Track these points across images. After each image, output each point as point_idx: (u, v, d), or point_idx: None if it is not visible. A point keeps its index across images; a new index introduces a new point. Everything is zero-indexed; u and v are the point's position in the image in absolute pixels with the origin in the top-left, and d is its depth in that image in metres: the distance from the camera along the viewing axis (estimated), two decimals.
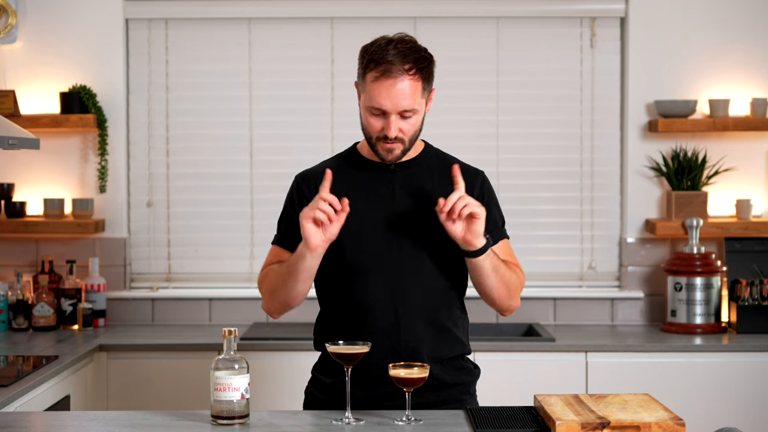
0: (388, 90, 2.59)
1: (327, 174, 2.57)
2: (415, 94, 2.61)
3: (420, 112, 2.66)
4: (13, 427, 2.56)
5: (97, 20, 4.53)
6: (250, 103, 4.60)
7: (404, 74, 2.59)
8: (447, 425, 2.49)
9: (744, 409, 4.03)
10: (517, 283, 2.73)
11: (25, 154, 4.52)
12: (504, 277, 2.67)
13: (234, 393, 2.47)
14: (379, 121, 2.64)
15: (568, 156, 4.59)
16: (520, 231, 4.54)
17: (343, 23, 4.57)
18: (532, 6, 4.54)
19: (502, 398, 3.58)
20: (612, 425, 2.32)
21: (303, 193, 2.76)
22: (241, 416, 2.48)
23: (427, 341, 2.70)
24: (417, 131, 2.69)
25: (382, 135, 2.64)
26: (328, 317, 2.77)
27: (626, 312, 4.55)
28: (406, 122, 2.63)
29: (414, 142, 2.70)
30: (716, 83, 4.50)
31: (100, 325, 4.45)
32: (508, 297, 2.72)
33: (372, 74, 2.61)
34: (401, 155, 2.68)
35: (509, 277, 2.69)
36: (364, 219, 2.69)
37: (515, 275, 2.72)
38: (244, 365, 2.49)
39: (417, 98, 2.62)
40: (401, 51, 2.60)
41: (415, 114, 2.64)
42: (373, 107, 2.62)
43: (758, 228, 4.38)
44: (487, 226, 2.64)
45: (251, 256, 4.60)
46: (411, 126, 2.65)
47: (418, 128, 2.68)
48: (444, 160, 2.80)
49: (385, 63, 2.58)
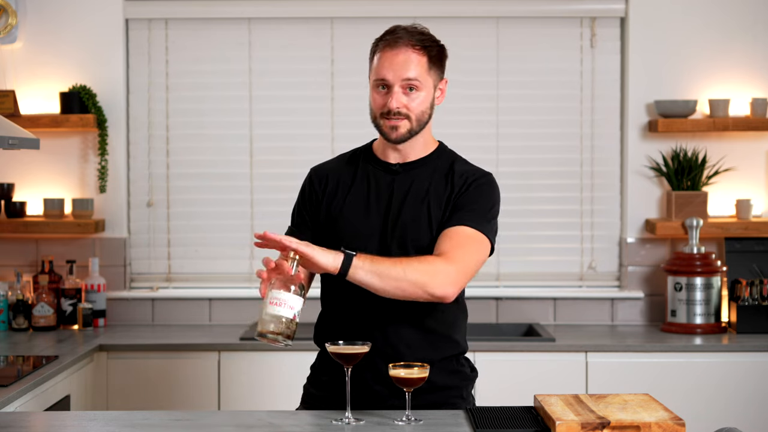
0: (391, 60, 2.62)
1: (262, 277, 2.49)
2: (420, 67, 2.62)
3: (425, 90, 2.64)
4: (13, 427, 2.56)
5: (97, 20, 4.53)
6: (250, 103, 4.60)
7: (409, 47, 2.62)
8: (447, 425, 2.49)
9: (744, 409, 4.03)
10: (423, 270, 2.51)
11: (25, 154, 4.52)
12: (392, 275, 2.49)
13: (288, 310, 2.41)
14: (383, 96, 2.64)
15: (568, 156, 4.59)
16: (520, 231, 4.54)
17: (343, 23, 4.57)
18: (532, 6, 4.54)
19: (502, 398, 3.59)
20: (612, 425, 2.32)
21: (314, 187, 2.77)
22: (288, 336, 2.43)
23: (412, 344, 2.67)
24: (424, 112, 2.66)
25: (385, 110, 2.63)
26: (325, 316, 2.79)
27: (626, 312, 4.55)
28: (411, 98, 2.63)
29: (422, 126, 2.67)
30: (716, 83, 4.50)
31: (100, 325, 4.45)
32: (413, 289, 2.51)
33: (377, 52, 2.66)
34: (407, 135, 2.66)
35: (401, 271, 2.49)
36: (361, 219, 2.69)
37: (416, 264, 2.51)
38: (302, 290, 2.44)
39: (422, 72, 2.62)
40: (410, 30, 2.65)
41: (420, 89, 2.63)
42: (377, 80, 2.64)
43: (758, 228, 4.38)
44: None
45: (251, 256, 4.61)
46: (416, 103, 2.63)
47: (425, 109, 2.66)
48: (451, 162, 2.75)
49: (393, 37, 2.63)
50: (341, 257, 2.47)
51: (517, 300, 4.55)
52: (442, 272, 2.53)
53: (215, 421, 2.56)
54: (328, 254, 2.46)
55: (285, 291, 2.41)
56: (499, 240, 4.50)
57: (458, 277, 2.55)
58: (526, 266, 4.58)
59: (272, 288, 2.42)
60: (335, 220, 2.72)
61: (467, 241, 2.60)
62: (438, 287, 2.52)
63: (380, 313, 2.66)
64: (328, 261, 2.46)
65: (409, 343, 2.68)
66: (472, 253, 2.61)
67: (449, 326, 2.74)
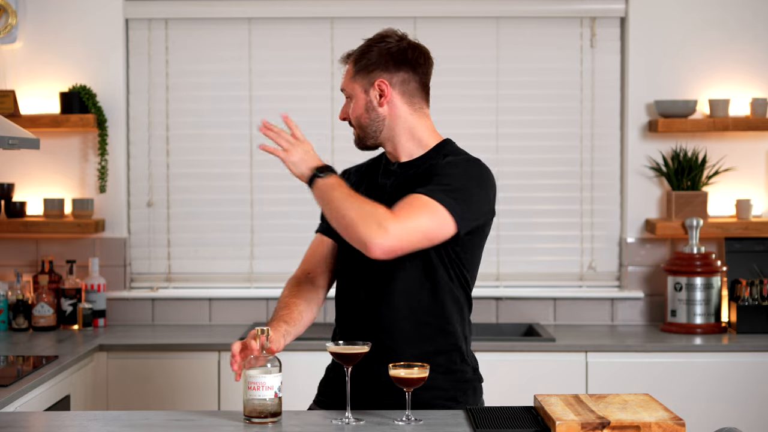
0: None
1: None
2: (346, 77, 2.80)
3: (355, 97, 2.76)
4: (13, 427, 2.56)
5: (97, 20, 4.53)
6: (250, 103, 4.60)
7: (344, 60, 2.82)
8: (447, 425, 2.49)
9: (744, 409, 4.03)
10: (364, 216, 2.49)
11: (25, 154, 4.52)
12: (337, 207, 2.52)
13: (267, 392, 2.47)
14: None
15: (568, 156, 4.59)
16: (520, 231, 4.54)
17: (343, 23, 4.57)
18: (532, 6, 4.54)
19: (502, 398, 3.58)
20: (612, 425, 2.32)
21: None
22: (274, 415, 2.48)
23: (408, 342, 2.66)
24: (359, 117, 2.75)
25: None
26: (336, 315, 2.81)
27: (626, 312, 4.55)
28: (348, 105, 2.80)
29: (369, 131, 2.74)
30: (716, 83, 4.50)
31: (100, 325, 4.45)
32: (348, 230, 2.51)
33: None
34: (359, 142, 2.79)
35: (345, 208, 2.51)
36: None
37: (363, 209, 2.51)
38: (277, 364, 2.49)
39: (347, 82, 2.79)
40: (364, 42, 2.81)
41: (351, 99, 2.78)
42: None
43: (758, 228, 4.38)
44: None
45: (251, 256, 4.61)
46: (351, 110, 2.78)
47: (360, 114, 2.75)
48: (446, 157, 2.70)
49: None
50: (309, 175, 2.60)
51: (517, 300, 4.55)
52: (379, 225, 2.48)
53: (215, 421, 2.55)
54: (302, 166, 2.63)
55: (260, 372, 2.47)
56: (499, 240, 4.55)
57: (396, 232, 2.48)
58: (526, 266, 4.58)
59: (247, 369, 2.48)
60: None
61: (417, 202, 2.54)
62: (370, 236, 2.47)
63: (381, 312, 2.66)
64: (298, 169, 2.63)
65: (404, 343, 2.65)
66: (419, 217, 2.52)
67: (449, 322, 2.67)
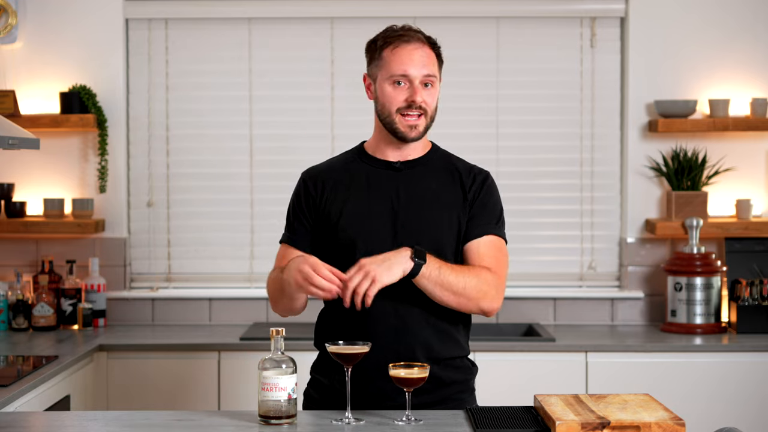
0: (410, 54, 2.64)
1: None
2: (434, 64, 2.67)
3: (438, 86, 2.69)
4: (13, 427, 2.56)
5: (97, 20, 4.53)
6: (250, 103, 4.60)
7: (425, 44, 2.66)
8: (447, 425, 2.49)
9: (744, 409, 4.03)
10: (479, 287, 2.60)
11: (25, 154, 4.52)
12: (453, 288, 2.58)
13: (281, 393, 2.46)
14: (403, 91, 2.66)
15: (568, 156, 4.59)
16: (520, 231, 4.54)
17: (343, 23, 4.57)
18: (532, 6, 4.54)
19: (502, 398, 3.58)
20: (612, 425, 2.32)
21: (310, 191, 2.75)
22: (288, 416, 2.48)
23: (426, 343, 2.68)
24: (436, 108, 2.71)
25: (405, 105, 2.65)
26: (330, 316, 2.76)
27: (626, 312, 4.55)
28: (428, 93, 2.66)
29: (432, 122, 2.71)
30: (716, 83, 4.50)
31: (100, 325, 4.45)
32: (467, 303, 2.62)
33: (390, 48, 2.67)
34: (423, 133, 2.69)
35: (462, 286, 2.59)
36: (368, 218, 2.69)
37: (471, 279, 2.60)
38: (291, 365, 2.48)
39: (435, 69, 2.68)
40: (414, 29, 2.69)
41: (434, 86, 2.68)
42: (396, 75, 2.65)
43: (758, 228, 4.38)
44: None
45: (251, 256, 4.61)
46: (432, 98, 2.67)
47: (437, 105, 2.71)
48: (449, 160, 2.79)
49: (404, 34, 2.66)
50: (411, 265, 2.52)
51: (517, 300, 4.55)
52: (493, 288, 2.63)
53: (215, 421, 2.56)
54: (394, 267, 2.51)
55: (274, 373, 2.46)
56: None
57: (501, 291, 2.67)
58: (526, 266, 4.58)
59: (261, 370, 2.48)
60: (336, 223, 2.70)
61: (500, 253, 2.71)
62: (489, 303, 2.63)
63: (398, 312, 2.67)
64: (396, 276, 2.52)
65: (422, 344, 2.68)
66: (505, 265, 2.72)
67: (457, 328, 2.75)
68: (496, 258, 2.68)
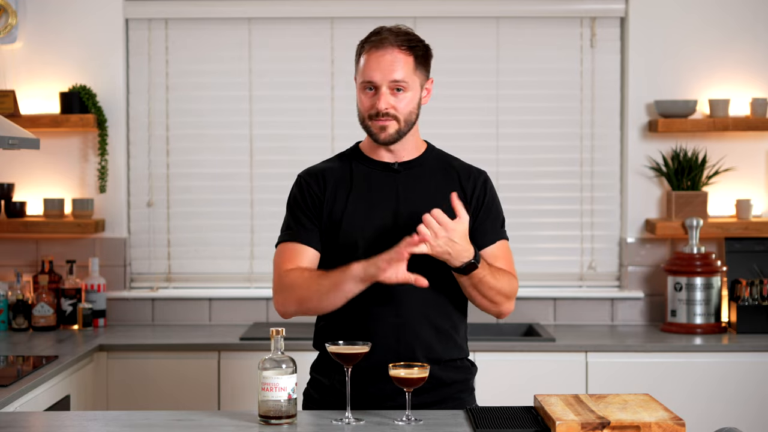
0: (378, 61, 2.63)
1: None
2: (406, 68, 2.63)
3: (412, 90, 2.65)
4: (13, 427, 2.56)
5: (97, 20, 4.53)
6: (250, 103, 4.60)
7: (395, 48, 2.63)
8: (447, 425, 2.49)
9: (744, 409, 4.03)
10: (507, 290, 2.68)
11: (25, 154, 4.52)
12: (491, 289, 2.64)
13: (281, 393, 2.47)
14: (370, 97, 2.65)
15: (568, 156, 4.59)
16: (520, 231, 4.54)
17: (343, 23, 4.57)
18: (532, 6, 4.54)
19: (502, 398, 3.59)
20: (612, 425, 2.32)
21: (313, 190, 2.74)
22: (288, 416, 2.48)
23: (426, 343, 2.69)
24: (411, 112, 2.67)
25: (373, 112, 2.64)
26: (330, 316, 2.74)
27: (626, 312, 4.55)
28: (398, 98, 2.64)
29: (410, 126, 2.68)
30: (716, 83, 4.50)
31: (100, 325, 4.45)
32: (496, 305, 2.69)
33: (364, 53, 2.66)
34: (396, 136, 2.67)
35: (497, 289, 2.65)
36: (367, 218, 2.68)
37: (505, 283, 2.67)
38: (291, 365, 2.48)
39: (408, 73, 2.63)
40: (395, 31, 2.67)
41: (407, 90, 2.64)
42: (364, 81, 2.65)
43: (758, 228, 4.38)
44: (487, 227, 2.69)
45: (251, 256, 4.61)
46: (403, 103, 2.64)
47: (412, 109, 2.67)
48: (446, 161, 2.79)
49: (378, 38, 2.65)
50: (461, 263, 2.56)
51: (517, 300, 4.51)
52: (515, 292, 2.73)
53: (215, 421, 2.56)
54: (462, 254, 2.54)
55: (274, 373, 2.46)
56: None
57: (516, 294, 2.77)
58: (525, 266, 4.57)
59: (261, 370, 2.48)
60: (337, 223, 2.70)
61: (511, 255, 2.79)
62: (509, 306, 2.74)
63: (399, 313, 2.67)
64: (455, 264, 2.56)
65: (422, 344, 2.68)
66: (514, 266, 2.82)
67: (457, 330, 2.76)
68: (509, 261, 2.77)
